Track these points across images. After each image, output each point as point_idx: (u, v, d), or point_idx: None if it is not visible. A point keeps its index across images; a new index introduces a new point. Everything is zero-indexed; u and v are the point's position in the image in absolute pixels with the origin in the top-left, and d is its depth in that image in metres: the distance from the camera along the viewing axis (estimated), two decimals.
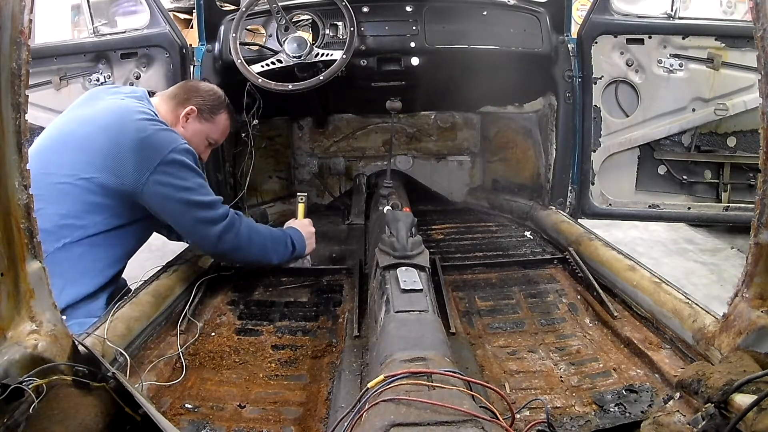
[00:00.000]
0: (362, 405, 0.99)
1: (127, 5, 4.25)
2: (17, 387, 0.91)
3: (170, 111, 1.95)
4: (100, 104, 1.88)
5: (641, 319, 1.68)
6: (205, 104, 1.99)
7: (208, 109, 2.00)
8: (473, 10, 2.50)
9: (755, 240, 1.13)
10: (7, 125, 0.93)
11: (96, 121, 1.80)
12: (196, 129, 1.98)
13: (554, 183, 2.70)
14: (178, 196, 1.76)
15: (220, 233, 1.82)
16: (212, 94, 2.03)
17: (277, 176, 3.23)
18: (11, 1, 0.89)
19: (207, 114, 2.00)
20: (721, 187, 2.69)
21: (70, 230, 1.71)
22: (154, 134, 1.76)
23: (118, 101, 1.88)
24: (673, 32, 2.53)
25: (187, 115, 1.96)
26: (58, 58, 2.55)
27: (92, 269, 1.76)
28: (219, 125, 2.05)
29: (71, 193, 1.71)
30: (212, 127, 2.03)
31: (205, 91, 2.02)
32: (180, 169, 1.76)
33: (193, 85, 2.06)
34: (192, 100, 1.97)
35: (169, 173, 1.74)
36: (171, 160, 1.75)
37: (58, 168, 1.73)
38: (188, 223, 1.82)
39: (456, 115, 3.26)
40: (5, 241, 0.97)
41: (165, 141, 1.76)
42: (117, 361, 1.35)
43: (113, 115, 1.80)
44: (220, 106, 2.04)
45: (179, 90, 2.02)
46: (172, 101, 1.97)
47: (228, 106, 2.08)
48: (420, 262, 1.61)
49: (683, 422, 1.09)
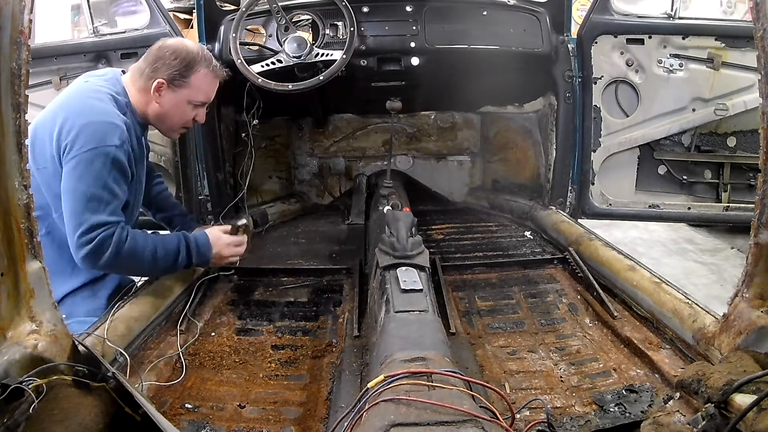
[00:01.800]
0: (362, 405, 0.99)
1: (127, 5, 4.25)
2: (17, 387, 0.91)
3: (140, 90, 1.79)
4: (66, 91, 1.80)
5: (641, 319, 1.68)
6: (172, 71, 1.76)
7: (178, 75, 1.77)
8: (473, 10, 2.50)
9: (755, 240, 1.13)
10: (7, 125, 0.93)
11: (52, 106, 1.71)
12: (173, 100, 1.80)
13: (554, 183, 2.70)
14: (73, 170, 1.59)
15: (86, 254, 1.59)
16: (177, 56, 1.77)
17: (277, 176, 3.22)
18: (11, 1, 0.89)
19: (178, 80, 1.78)
20: (721, 187, 2.69)
21: (42, 221, 1.60)
22: (89, 124, 1.61)
23: (81, 83, 1.77)
24: (673, 32, 2.53)
25: (157, 89, 1.77)
26: (58, 58, 2.55)
27: (72, 259, 1.63)
28: (197, 86, 1.82)
29: (34, 183, 1.63)
30: (190, 91, 1.81)
31: (170, 56, 1.77)
32: (89, 138, 1.60)
33: (156, 53, 1.79)
34: (159, 72, 1.76)
35: (81, 134, 1.59)
36: (89, 124, 1.61)
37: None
38: (71, 209, 1.61)
39: (456, 115, 3.26)
40: (5, 241, 0.97)
41: (97, 110, 1.64)
42: (117, 361, 1.35)
43: (66, 99, 1.70)
44: (191, 66, 1.79)
45: (144, 63, 1.80)
46: (140, 79, 1.79)
47: (204, 60, 1.82)
48: (420, 262, 1.61)
49: (683, 422, 1.09)
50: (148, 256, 1.69)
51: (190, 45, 1.84)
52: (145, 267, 1.74)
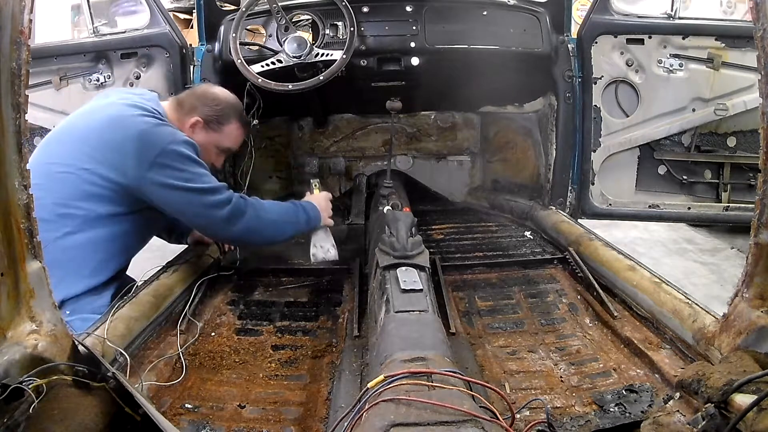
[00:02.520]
0: (362, 405, 0.98)
1: (127, 5, 4.26)
2: (17, 387, 0.91)
3: (177, 120, 1.93)
4: (107, 101, 1.89)
5: (641, 319, 1.68)
6: (211, 115, 1.96)
7: (214, 119, 1.96)
8: (473, 10, 2.50)
9: (755, 240, 1.13)
10: (7, 125, 0.93)
11: (100, 116, 1.81)
12: (203, 139, 1.95)
13: (554, 183, 2.70)
14: (178, 185, 1.74)
15: (228, 216, 1.79)
16: (219, 104, 1.97)
17: (277, 176, 3.23)
18: (11, 1, 0.89)
19: (214, 124, 1.97)
20: (721, 187, 2.69)
21: (70, 219, 1.71)
22: (153, 128, 1.76)
23: (125, 98, 1.89)
24: (673, 32, 2.53)
25: (193, 125, 1.93)
26: (58, 58, 2.55)
27: (92, 260, 1.75)
28: (228, 134, 2.01)
29: (71, 182, 1.72)
30: (220, 137, 2.00)
31: (212, 101, 1.97)
32: (177, 160, 1.75)
33: (201, 94, 2.00)
34: (198, 110, 1.94)
35: (167, 165, 1.73)
36: (169, 151, 1.74)
37: (60, 158, 1.74)
38: (193, 210, 1.79)
39: (456, 115, 3.26)
40: (5, 241, 0.97)
41: (163, 134, 1.76)
42: (117, 361, 1.34)
43: (116, 110, 1.81)
44: (228, 116, 1.99)
45: (187, 98, 1.99)
46: (179, 110, 1.95)
47: (239, 114, 2.03)
48: (420, 262, 1.61)
49: (683, 422, 1.09)
50: (273, 215, 1.93)
51: (231, 98, 2.03)
52: (273, 224, 1.94)
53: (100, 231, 1.75)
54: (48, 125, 2.58)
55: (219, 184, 1.82)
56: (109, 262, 1.80)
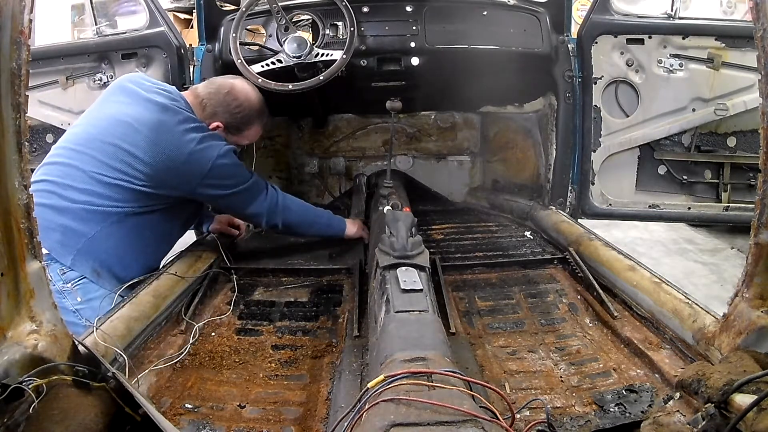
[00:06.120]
0: (362, 405, 0.98)
1: (127, 5, 4.25)
2: (17, 387, 0.91)
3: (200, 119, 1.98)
4: (140, 101, 1.91)
5: (641, 319, 1.68)
6: (233, 123, 2.03)
7: (235, 127, 2.04)
8: (473, 10, 2.50)
9: (755, 240, 1.13)
10: (7, 125, 0.93)
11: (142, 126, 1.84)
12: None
13: (554, 183, 2.70)
14: (226, 193, 1.97)
15: (269, 208, 2.06)
16: (241, 110, 2.02)
17: (277, 176, 3.23)
18: (11, 1, 0.89)
19: (234, 130, 2.05)
20: (721, 187, 2.69)
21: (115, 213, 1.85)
22: (198, 147, 1.87)
23: (158, 100, 1.92)
24: (673, 32, 2.53)
25: (214, 129, 1.99)
26: (65, 59, 2.58)
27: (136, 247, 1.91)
28: (247, 136, 2.12)
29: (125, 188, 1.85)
30: (239, 139, 2.10)
31: (235, 108, 2.01)
32: (223, 174, 1.93)
33: (223, 99, 2.00)
34: (219, 116, 2.00)
35: (215, 184, 1.93)
36: (216, 166, 1.89)
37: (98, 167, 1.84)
38: (240, 208, 2.07)
39: (456, 115, 3.26)
40: (5, 241, 0.97)
41: (208, 153, 1.89)
42: (117, 361, 1.34)
43: (159, 126, 1.86)
44: (250, 121, 2.07)
45: (209, 100, 2.00)
46: (201, 111, 1.99)
47: (260, 116, 2.10)
48: (420, 262, 1.61)
49: (683, 422, 1.09)
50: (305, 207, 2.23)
51: (253, 100, 2.06)
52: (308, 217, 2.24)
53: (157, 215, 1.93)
54: (57, 123, 2.61)
55: (254, 180, 2.03)
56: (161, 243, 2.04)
